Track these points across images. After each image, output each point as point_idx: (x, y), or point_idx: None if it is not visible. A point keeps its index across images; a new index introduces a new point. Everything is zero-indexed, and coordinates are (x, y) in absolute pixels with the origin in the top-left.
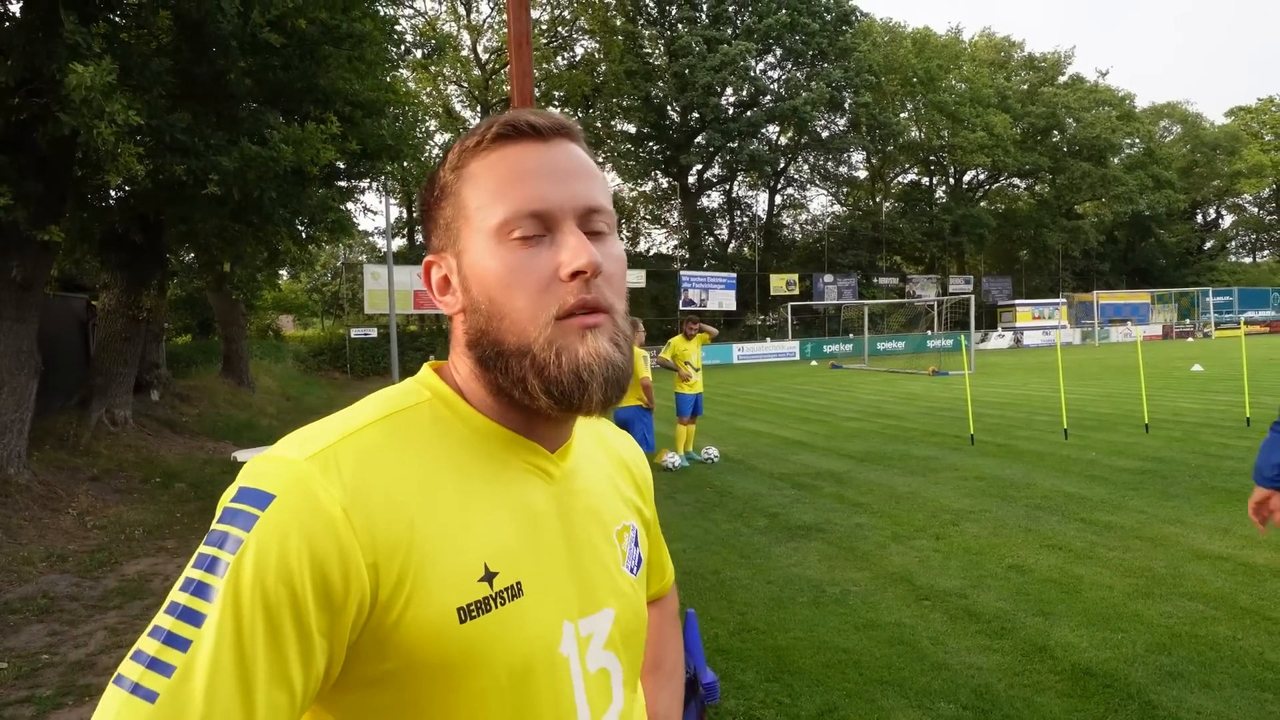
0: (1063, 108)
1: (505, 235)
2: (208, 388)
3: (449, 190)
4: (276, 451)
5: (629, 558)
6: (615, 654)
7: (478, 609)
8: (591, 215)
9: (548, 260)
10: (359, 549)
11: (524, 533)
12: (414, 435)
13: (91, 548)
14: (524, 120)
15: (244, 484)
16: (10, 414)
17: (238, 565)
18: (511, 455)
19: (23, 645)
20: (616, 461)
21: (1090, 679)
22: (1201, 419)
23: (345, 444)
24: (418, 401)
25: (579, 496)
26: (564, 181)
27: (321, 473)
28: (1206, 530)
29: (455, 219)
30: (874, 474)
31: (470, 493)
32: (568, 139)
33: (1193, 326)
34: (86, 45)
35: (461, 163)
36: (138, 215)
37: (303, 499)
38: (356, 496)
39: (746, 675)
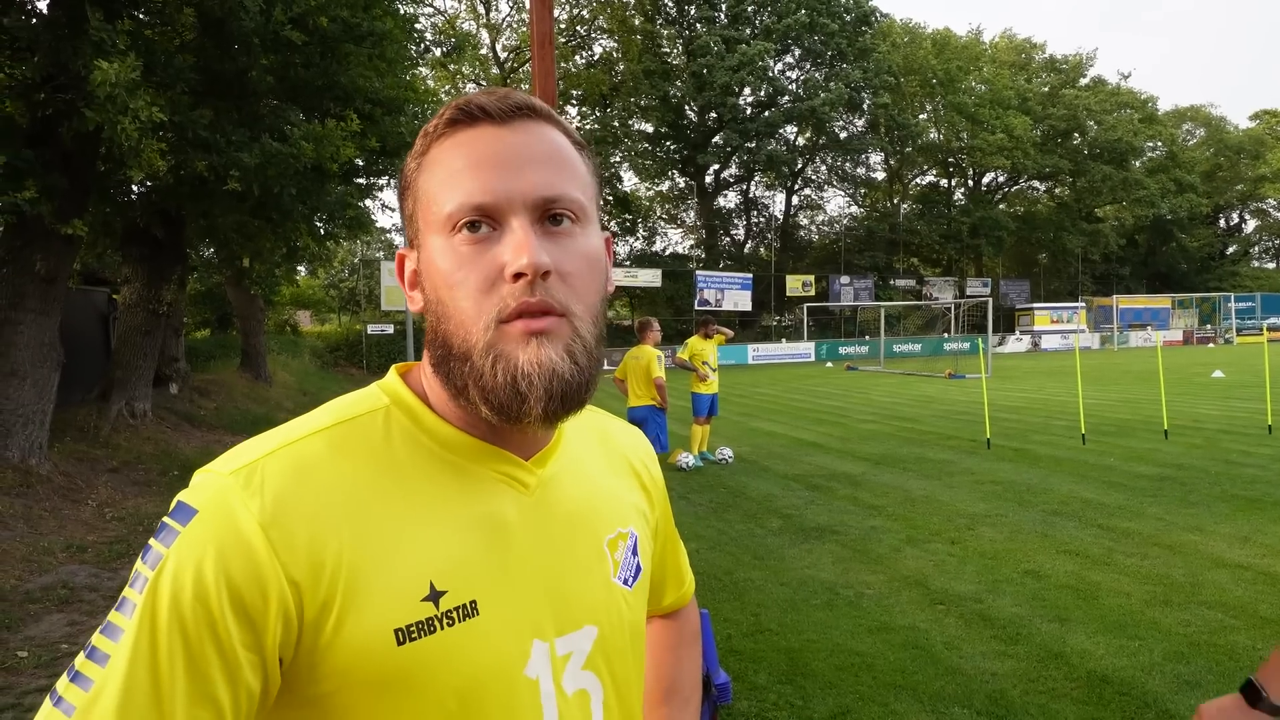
0: (1084, 110)
1: (451, 230)
2: (226, 382)
3: (410, 180)
4: (214, 464)
5: (623, 568)
6: (596, 674)
7: (419, 630)
8: (550, 206)
9: (493, 258)
10: (279, 566)
11: (485, 548)
12: (359, 446)
13: (110, 539)
14: (476, 103)
15: (181, 497)
16: (32, 405)
17: (155, 582)
18: (477, 465)
19: (43, 634)
20: (620, 462)
21: (1106, 686)
22: (1222, 426)
23: (276, 457)
24: (372, 409)
25: (560, 505)
26: (517, 170)
27: (243, 488)
28: (1226, 538)
29: (415, 211)
30: (889, 477)
31: (420, 506)
32: (531, 119)
33: (1214, 332)
34: (111, 42)
35: (422, 150)
36: (159, 210)
37: (220, 515)
38: (276, 513)
39: (759, 677)
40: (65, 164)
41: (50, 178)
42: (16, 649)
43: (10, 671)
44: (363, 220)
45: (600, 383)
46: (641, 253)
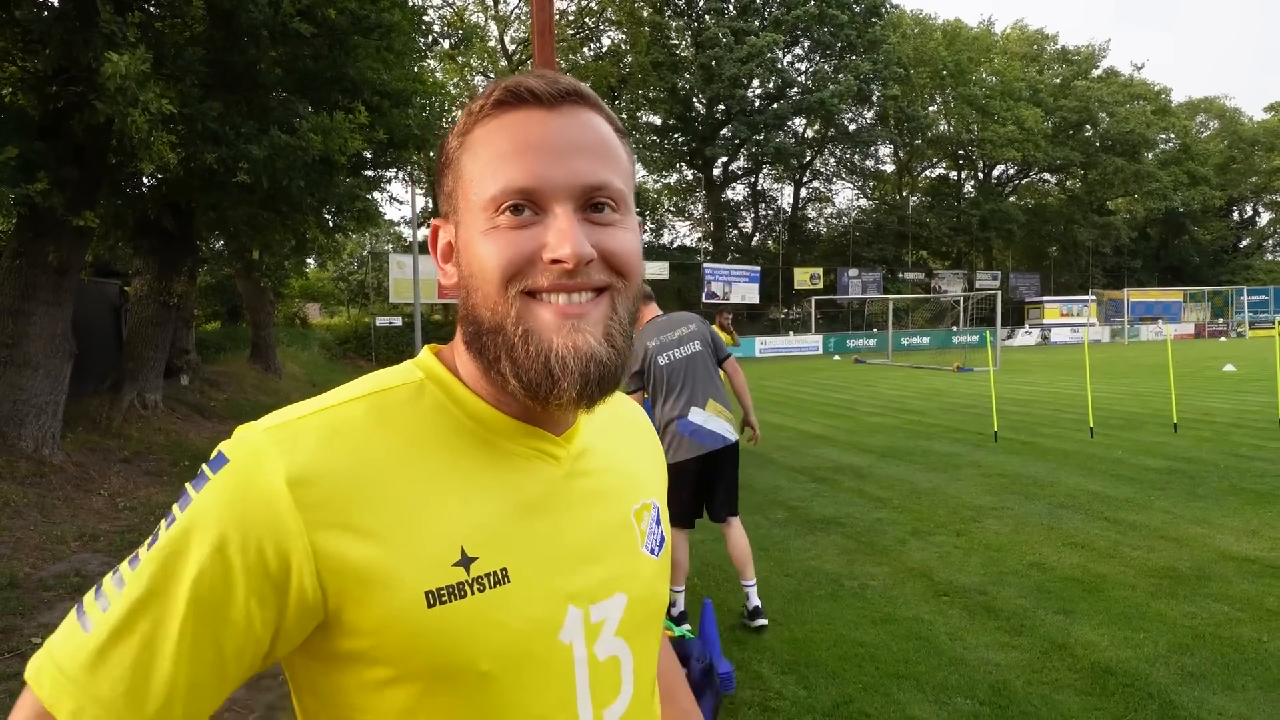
0: (1096, 102)
1: (494, 212)
2: (236, 373)
3: (452, 158)
4: (253, 422)
5: (649, 538)
6: (627, 641)
7: (450, 594)
8: (594, 194)
9: (533, 240)
10: (303, 524)
11: (517, 518)
12: (393, 415)
13: (122, 528)
14: (525, 85)
15: (220, 446)
16: (45, 396)
17: (181, 521)
18: (509, 440)
19: (56, 621)
20: (635, 434)
21: (1110, 678)
22: (1232, 419)
23: (313, 419)
24: (406, 381)
25: (590, 478)
26: (563, 157)
27: (275, 444)
28: (1234, 531)
29: (455, 189)
30: (895, 469)
31: (452, 476)
32: (579, 105)
33: (1226, 326)
34: (122, 35)
35: (466, 129)
36: (169, 202)
37: (249, 468)
38: (305, 471)
39: (762, 666)
40: (77, 156)
41: (62, 170)
42: (30, 635)
43: (23, 658)
44: (371, 213)
45: None
46: (649, 245)
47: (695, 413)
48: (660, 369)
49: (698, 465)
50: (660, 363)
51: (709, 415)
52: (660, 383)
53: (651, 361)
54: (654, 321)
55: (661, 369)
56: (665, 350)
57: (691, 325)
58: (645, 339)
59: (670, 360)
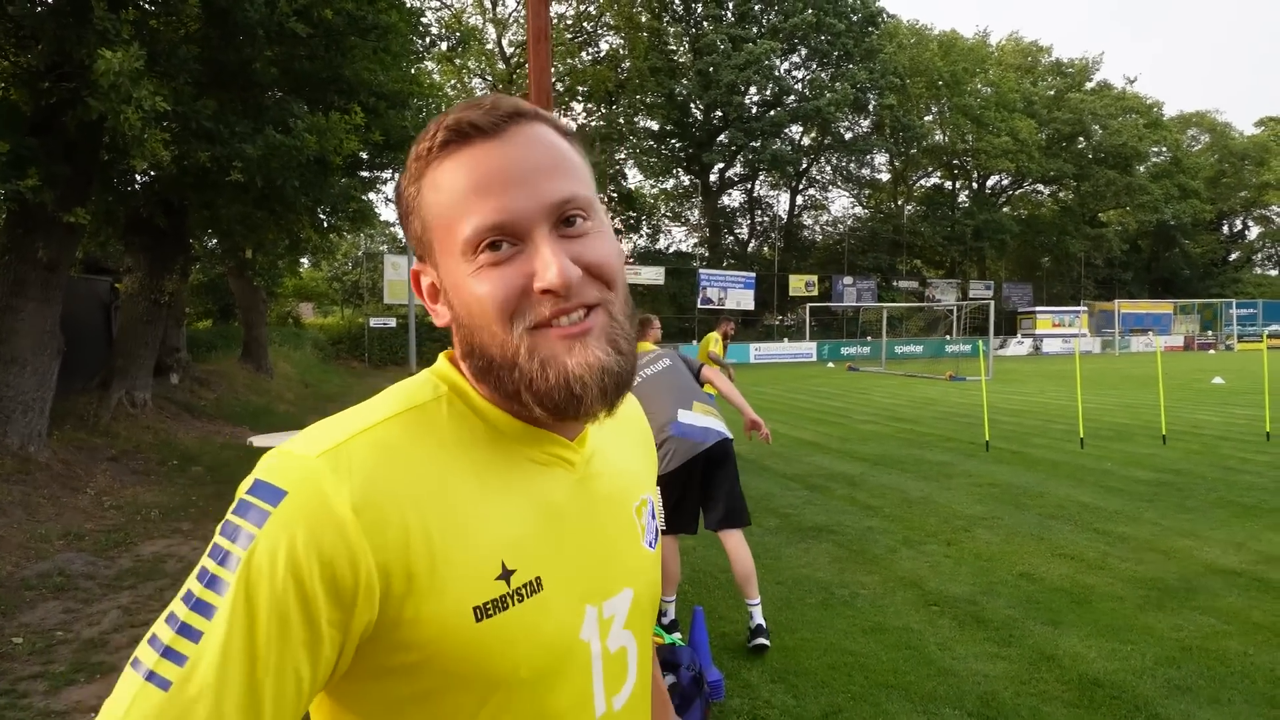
0: (1089, 114)
1: (473, 253)
2: (227, 372)
3: (412, 205)
4: (292, 446)
5: (647, 531)
6: (633, 632)
7: (494, 607)
8: (564, 209)
9: (520, 272)
10: (369, 548)
11: (544, 526)
12: (431, 431)
13: (108, 527)
14: (466, 120)
15: (259, 476)
16: (32, 393)
17: (248, 560)
18: (531, 448)
19: (38, 621)
20: (629, 429)
21: (1098, 690)
22: (1221, 432)
23: (359, 441)
24: (435, 396)
25: (600, 480)
26: (524, 183)
27: (332, 471)
28: (1221, 544)
29: (425, 233)
30: (887, 478)
31: (488, 489)
32: (523, 124)
33: (1215, 338)
34: (115, 31)
35: (418, 174)
36: (162, 200)
37: (313, 497)
38: (367, 495)
39: (752, 674)
40: (68, 152)
41: (53, 166)
42: (12, 635)
43: (5, 658)
44: (366, 213)
45: None
46: (645, 250)
47: (684, 414)
48: (637, 386)
49: (698, 467)
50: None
51: (697, 415)
52: (641, 399)
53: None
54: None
55: (638, 386)
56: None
57: (663, 360)
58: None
59: (644, 377)
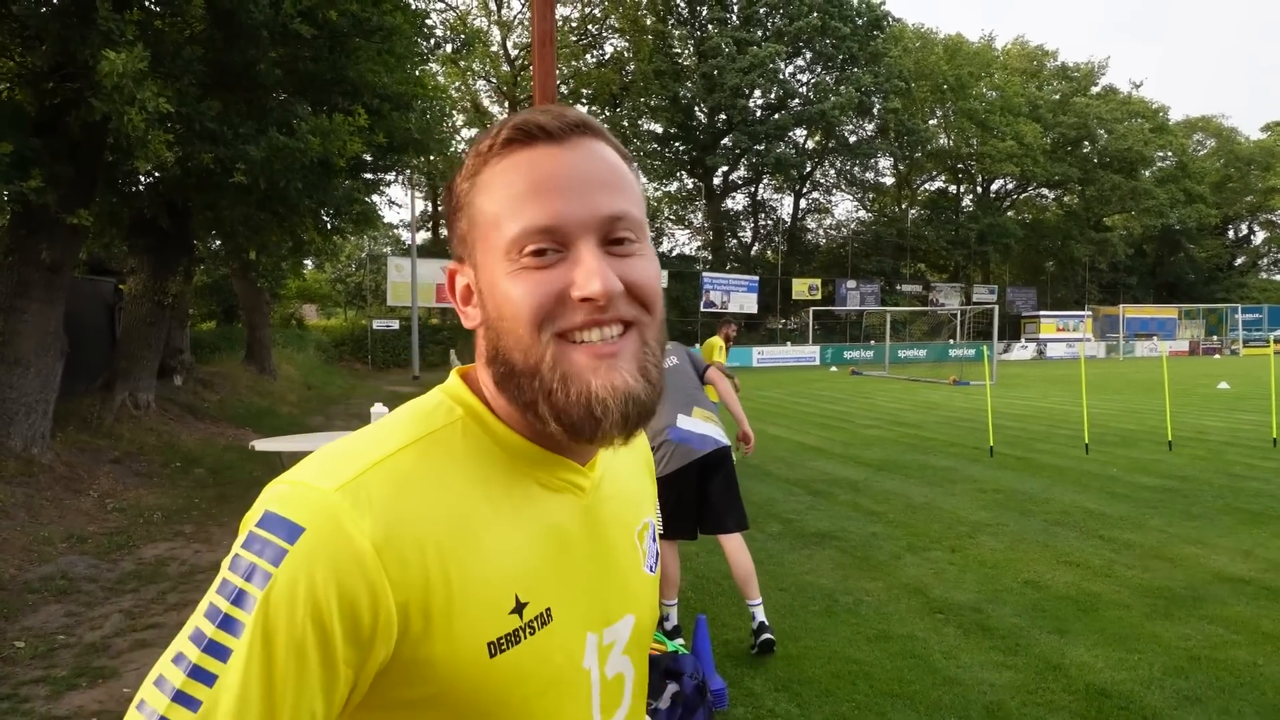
0: (1094, 119)
1: (516, 254)
2: (230, 374)
3: (463, 201)
4: (306, 476)
5: (648, 556)
6: (630, 659)
7: (508, 642)
8: (614, 226)
9: (560, 279)
10: (389, 586)
11: (554, 555)
12: (448, 460)
13: (110, 530)
14: (534, 122)
15: (271, 509)
16: (35, 394)
17: (266, 600)
18: (544, 473)
19: (40, 625)
20: (634, 453)
21: (1105, 700)
22: (1227, 438)
23: (377, 472)
24: (450, 421)
25: (606, 504)
26: (580, 192)
27: (353, 505)
28: (1229, 552)
29: (470, 232)
30: (891, 483)
31: (502, 520)
32: (587, 137)
33: (1220, 343)
34: (119, 32)
35: (475, 170)
36: (166, 201)
37: (333, 534)
38: (389, 532)
39: (755, 683)
40: (72, 153)
41: (57, 167)
42: (14, 639)
43: (7, 661)
44: (370, 215)
45: None
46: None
47: (682, 419)
48: None
49: (693, 474)
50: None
51: (696, 421)
52: None
53: None
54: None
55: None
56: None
57: (671, 358)
58: None
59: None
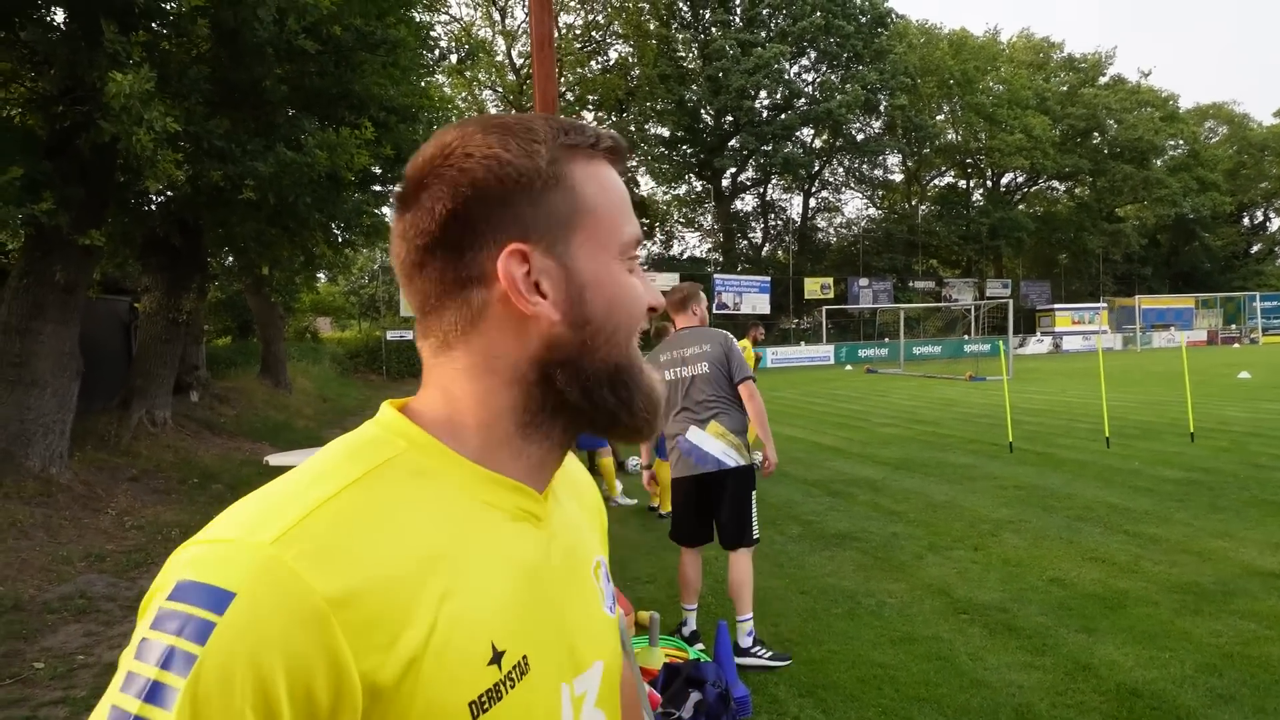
0: (1103, 109)
1: (626, 256)
2: (246, 389)
3: (562, 178)
4: (226, 531)
5: (606, 595)
6: (604, 710)
7: (489, 699)
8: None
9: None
10: (350, 654)
11: (524, 592)
12: (397, 499)
13: (129, 548)
14: (621, 143)
15: (186, 576)
16: (52, 415)
17: (191, 693)
18: (502, 502)
19: (59, 645)
20: (575, 488)
21: (1137, 700)
22: (1249, 428)
23: (322, 516)
24: (394, 454)
25: (559, 537)
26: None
27: (297, 558)
28: (1257, 545)
29: (572, 215)
30: (910, 482)
31: (470, 557)
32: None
33: (1239, 332)
34: (126, 54)
35: (571, 155)
36: (177, 220)
37: (275, 596)
38: (345, 585)
39: (779, 689)
40: (83, 175)
41: (68, 189)
42: (33, 660)
43: (26, 683)
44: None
45: None
46: (659, 257)
47: (694, 432)
48: (669, 383)
49: (695, 485)
50: (664, 377)
51: (708, 437)
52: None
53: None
54: (674, 335)
55: (669, 383)
56: (670, 366)
57: (705, 345)
58: (659, 352)
59: (674, 376)
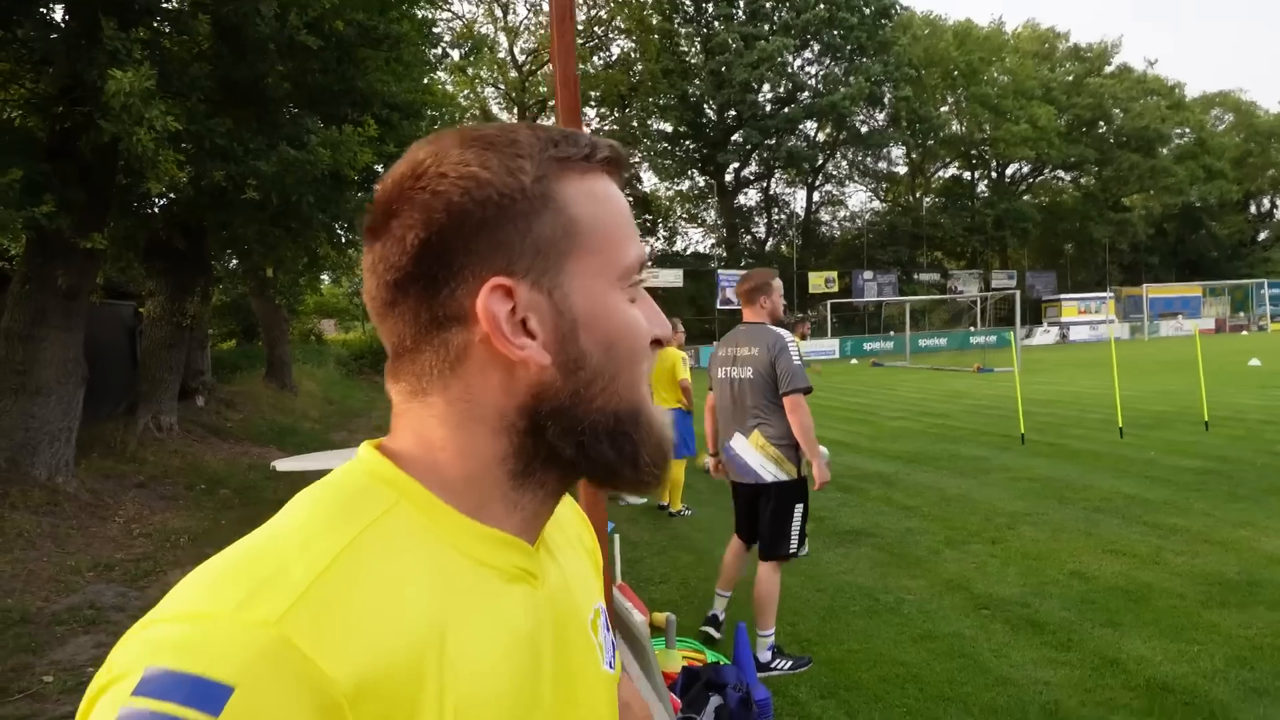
0: (1109, 98)
1: (627, 283)
2: (252, 393)
3: (550, 199)
4: (209, 605)
5: (605, 650)
6: None
7: None
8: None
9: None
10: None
11: (525, 665)
12: (397, 560)
13: (137, 556)
14: (620, 152)
15: (159, 664)
16: (58, 423)
17: None
18: (497, 560)
19: (69, 658)
20: (563, 526)
21: (1168, 695)
22: (1264, 416)
23: (325, 586)
24: (387, 508)
25: (558, 595)
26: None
27: (308, 641)
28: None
29: (564, 242)
30: (923, 475)
31: (475, 630)
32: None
33: (1247, 319)
34: (126, 51)
35: (562, 170)
36: (180, 222)
37: (290, 693)
38: (360, 674)
39: (800, 691)
40: (84, 177)
41: (68, 191)
42: (42, 674)
43: (35, 698)
44: None
45: None
46: (662, 253)
47: (738, 439)
48: (716, 381)
49: (742, 490)
50: (716, 375)
51: (749, 447)
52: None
53: (711, 370)
54: (736, 330)
55: (716, 382)
56: (722, 365)
57: (755, 349)
58: (718, 346)
59: (723, 376)
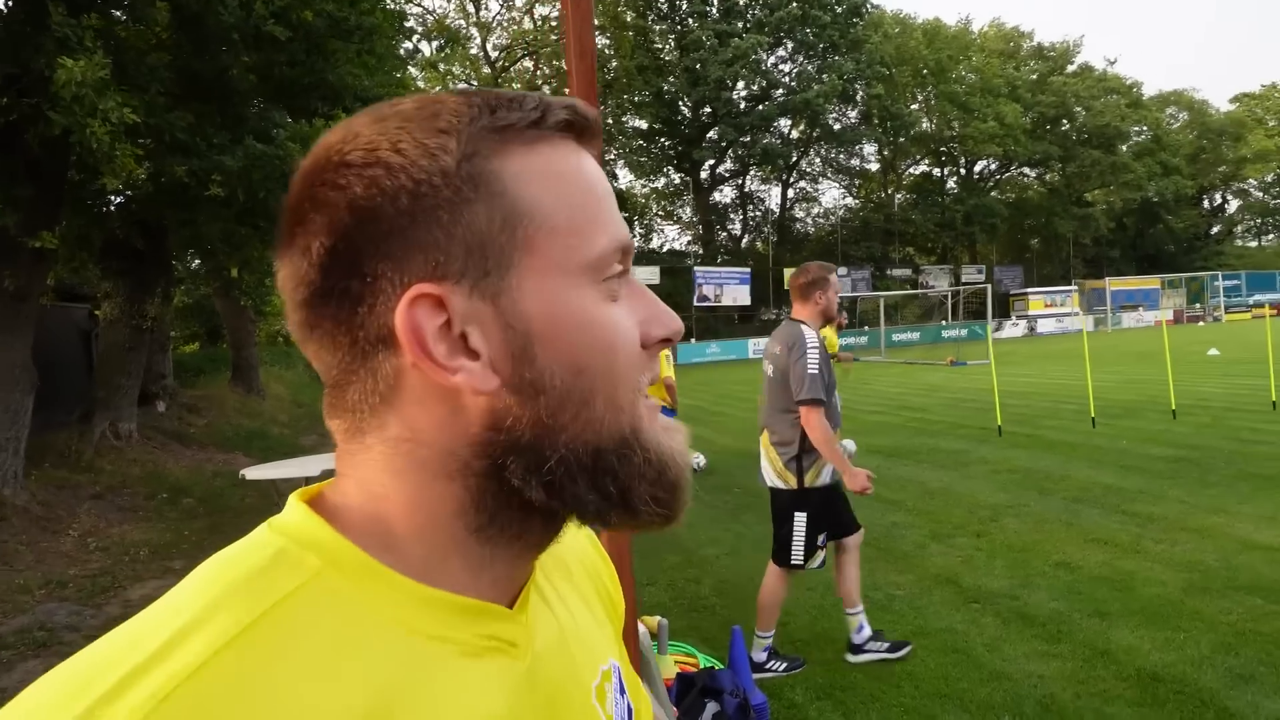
0: (1072, 96)
1: (600, 277)
2: (217, 397)
3: (483, 181)
4: (53, 713)
5: (616, 716)
6: None
7: None
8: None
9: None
10: None
11: None
12: (311, 651)
13: (94, 572)
14: (585, 113)
15: None
16: (4, 432)
17: None
18: (455, 633)
19: (17, 685)
20: (575, 568)
21: (1159, 685)
22: (1227, 403)
23: (182, 698)
24: (303, 580)
25: (546, 661)
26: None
27: None
28: (1252, 519)
29: (502, 234)
30: (903, 469)
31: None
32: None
33: (1203, 310)
34: (77, 39)
35: (496, 145)
36: (138, 220)
37: None
38: None
39: (795, 693)
40: (33, 172)
41: (15, 188)
42: None
43: None
44: None
45: None
46: (639, 250)
47: (762, 439)
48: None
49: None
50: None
51: (761, 449)
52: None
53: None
54: (780, 324)
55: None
56: (765, 359)
57: (779, 346)
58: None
59: (764, 371)
